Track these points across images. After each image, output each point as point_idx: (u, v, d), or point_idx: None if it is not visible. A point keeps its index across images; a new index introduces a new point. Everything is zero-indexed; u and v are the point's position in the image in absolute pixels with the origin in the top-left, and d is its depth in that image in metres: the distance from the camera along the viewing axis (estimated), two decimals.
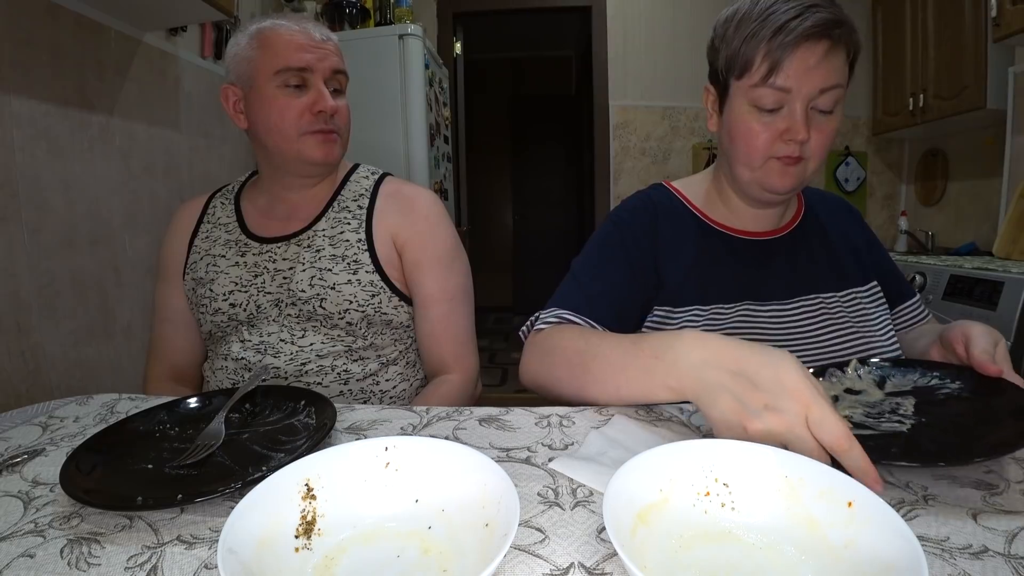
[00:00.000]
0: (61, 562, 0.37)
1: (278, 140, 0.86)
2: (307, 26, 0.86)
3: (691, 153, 3.20)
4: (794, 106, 0.69)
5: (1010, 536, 0.38)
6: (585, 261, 0.82)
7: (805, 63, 0.67)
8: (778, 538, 0.37)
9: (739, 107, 0.73)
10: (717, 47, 0.75)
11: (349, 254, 0.88)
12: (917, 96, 2.36)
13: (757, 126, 0.71)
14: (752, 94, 0.70)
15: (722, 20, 0.75)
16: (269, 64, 0.83)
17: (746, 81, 0.71)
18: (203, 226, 0.95)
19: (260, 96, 0.85)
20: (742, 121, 0.73)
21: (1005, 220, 2.02)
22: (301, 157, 0.87)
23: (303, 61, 0.84)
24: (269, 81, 0.84)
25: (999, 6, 1.87)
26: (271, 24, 0.85)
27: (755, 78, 0.69)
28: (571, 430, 0.58)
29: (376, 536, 0.39)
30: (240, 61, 0.86)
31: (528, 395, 0.76)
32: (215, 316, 0.87)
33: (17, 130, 1.20)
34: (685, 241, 0.80)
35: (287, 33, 0.84)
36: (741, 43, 0.70)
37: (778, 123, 0.70)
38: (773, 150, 0.72)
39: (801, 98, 0.68)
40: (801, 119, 0.69)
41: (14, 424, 0.62)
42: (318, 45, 0.86)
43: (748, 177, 0.75)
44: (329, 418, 0.56)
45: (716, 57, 0.76)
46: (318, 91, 0.85)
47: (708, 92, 0.81)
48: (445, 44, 3.19)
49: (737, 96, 0.73)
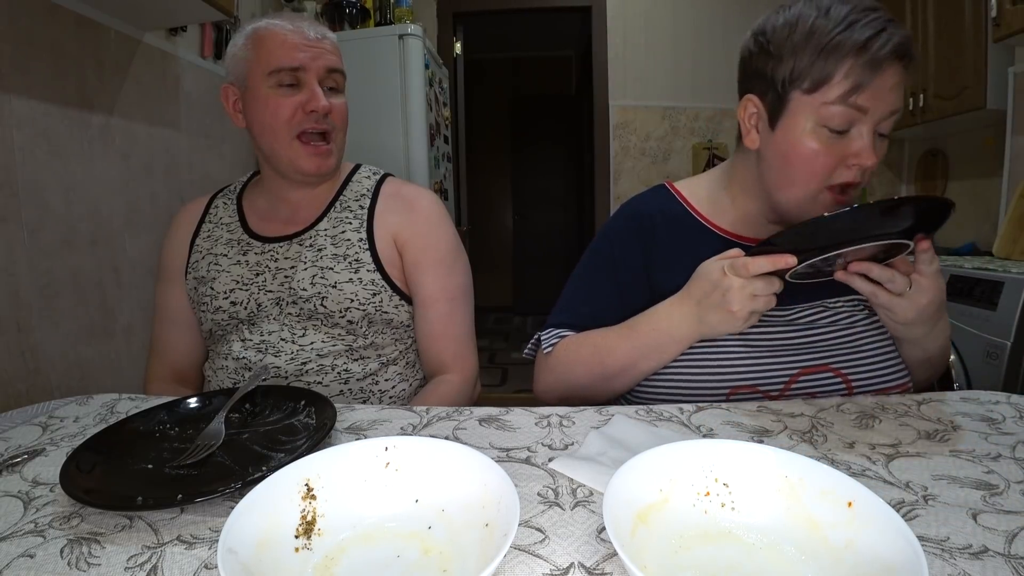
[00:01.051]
0: (61, 562, 0.37)
1: (271, 140, 0.86)
2: (302, 25, 0.86)
3: (691, 153, 3.20)
4: (864, 128, 0.64)
5: (1010, 536, 0.38)
6: (578, 279, 0.84)
7: (885, 84, 0.62)
8: (778, 538, 0.37)
9: (802, 124, 0.66)
10: (776, 54, 0.67)
11: (351, 253, 0.88)
12: (917, 96, 2.36)
13: (822, 147, 0.65)
14: (824, 112, 0.64)
15: (779, 25, 0.67)
16: (263, 64, 0.83)
17: (819, 97, 0.64)
18: (205, 226, 0.95)
19: (255, 96, 0.85)
20: (805, 141, 0.66)
21: (1005, 220, 2.02)
22: (293, 165, 0.87)
23: (296, 60, 0.83)
24: (263, 81, 0.84)
25: (999, 6, 1.87)
26: (266, 24, 0.85)
27: (831, 95, 0.63)
28: (571, 430, 0.58)
29: (376, 536, 0.39)
30: (237, 61, 0.86)
31: (528, 395, 0.78)
32: (216, 314, 0.87)
33: (17, 130, 1.20)
34: (685, 248, 0.77)
35: (281, 32, 0.84)
36: (817, 55, 0.63)
37: (844, 146, 0.65)
38: (833, 176, 0.66)
39: (874, 120, 0.64)
40: (870, 142, 0.64)
41: (14, 424, 0.62)
42: (312, 44, 0.85)
43: (794, 205, 0.69)
44: (329, 418, 0.56)
45: (774, 66, 0.67)
46: (311, 90, 0.85)
47: (750, 104, 0.72)
48: (445, 44, 3.19)
49: (802, 112, 0.66)
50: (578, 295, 0.83)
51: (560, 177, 5.28)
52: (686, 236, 0.79)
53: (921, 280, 0.63)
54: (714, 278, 0.65)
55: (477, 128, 4.78)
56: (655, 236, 0.80)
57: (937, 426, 0.57)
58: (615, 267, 0.80)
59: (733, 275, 0.63)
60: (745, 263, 0.62)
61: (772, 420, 0.59)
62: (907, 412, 0.60)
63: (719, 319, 0.65)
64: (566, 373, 0.77)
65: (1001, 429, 0.55)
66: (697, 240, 0.79)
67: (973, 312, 1.68)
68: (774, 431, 0.56)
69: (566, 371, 0.77)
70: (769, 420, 0.59)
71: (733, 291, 0.63)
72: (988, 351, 1.61)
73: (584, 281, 0.83)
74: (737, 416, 0.60)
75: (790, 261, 0.60)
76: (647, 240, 0.80)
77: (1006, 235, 1.99)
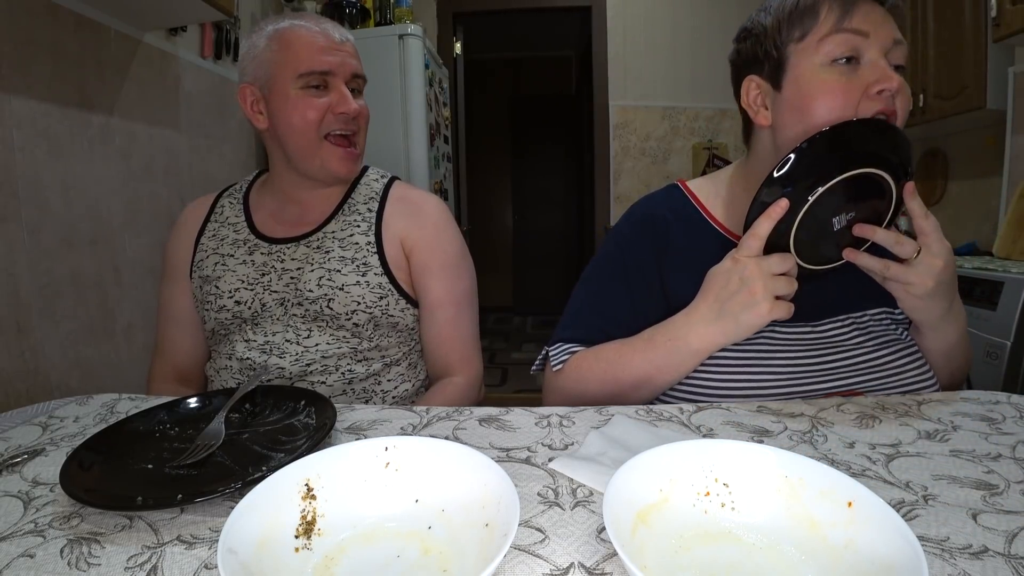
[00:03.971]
0: (61, 562, 0.37)
1: (300, 141, 0.86)
2: (327, 27, 0.86)
3: (691, 153, 3.21)
4: (873, 54, 0.62)
5: (1010, 536, 0.38)
6: (587, 288, 0.80)
7: (873, 14, 0.62)
8: (778, 538, 0.37)
9: (808, 68, 0.64)
10: (761, 33, 0.69)
11: (359, 256, 0.88)
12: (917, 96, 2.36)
13: (835, 80, 0.62)
14: (824, 47, 0.63)
15: (754, 15, 0.70)
16: (291, 66, 0.83)
17: (813, 37, 0.64)
18: (210, 225, 0.95)
19: (281, 97, 0.85)
20: (817, 80, 0.63)
21: (1005, 220, 2.02)
22: (324, 166, 0.87)
23: (326, 64, 0.84)
24: (291, 83, 0.84)
25: (999, 6, 1.87)
26: (290, 24, 0.85)
27: (824, 28, 0.63)
28: (571, 430, 0.58)
29: (376, 536, 0.39)
30: (259, 62, 0.86)
31: (528, 395, 0.77)
32: (220, 313, 0.87)
33: (17, 130, 1.20)
34: (701, 254, 0.72)
35: (307, 34, 0.84)
36: (797, 10, 0.64)
37: (860, 77, 0.62)
38: (859, 107, 0.62)
39: (879, 44, 0.61)
40: (886, 65, 0.61)
41: (14, 424, 0.62)
42: (338, 47, 0.86)
43: None
44: (329, 418, 0.56)
45: (762, 42, 0.68)
46: (340, 93, 0.85)
47: (751, 85, 0.71)
48: (445, 44, 3.19)
49: (802, 60, 0.65)
50: (587, 305, 0.78)
51: (560, 177, 5.28)
52: (698, 238, 0.76)
53: (928, 241, 0.61)
54: (726, 267, 0.63)
55: (477, 128, 4.77)
56: (668, 237, 0.76)
57: (937, 426, 0.57)
58: (627, 272, 0.76)
59: (744, 256, 0.62)
60: (751, 233, 0.61)
61: (772, 420, 0.59)
62: (907, 412, 0.60)
63: (741, 305, 0.61)
64: (578, 391, 0.73)
65: (1001, 429, 0.55)
66: (709, 244, 0.75)
67: (973, 312, 1.68)
68: (774, 431, 0.56)
69: (578, 389, 0.73)
70: (769, 420, 0.59)
71: (749, 271, 0.61)
72: (988, 351, 1.61)
73: (594, 289, 0.79)
74: (737, 416, 0.60)
75: (783, 204, 0.60)
76: (660, 242, 0.76)
77: (1006, 235, 1.99)
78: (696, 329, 0.65)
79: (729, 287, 0.62)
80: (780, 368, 0.68)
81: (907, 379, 0.69)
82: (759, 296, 0.60)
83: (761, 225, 0.61)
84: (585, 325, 0.77)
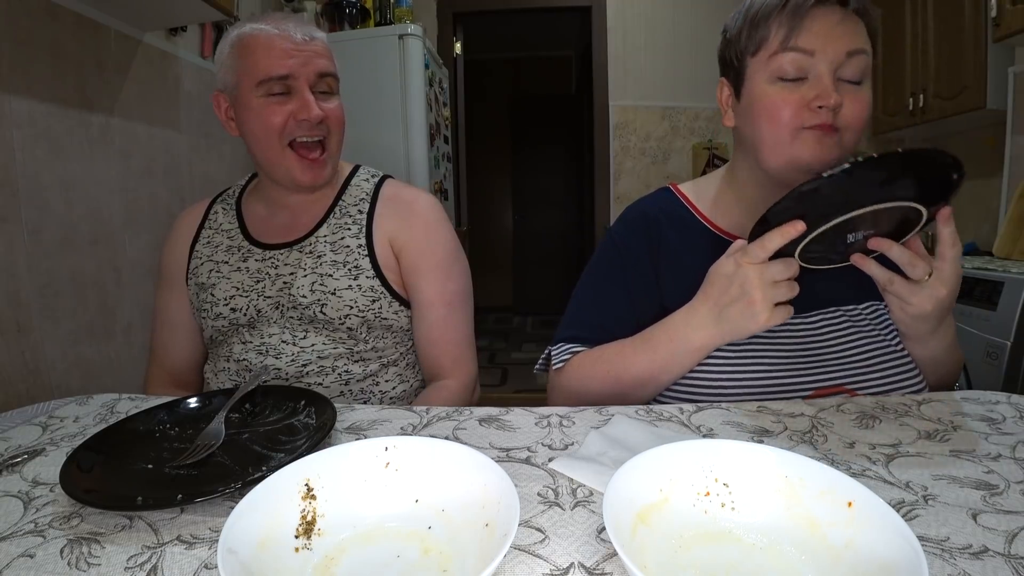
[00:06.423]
0: (61, 562, 0.37)
1: (264, 150, 0.84)
2: (288, 27, 0.82)
3: (691, 153, 3.20)
4: (819, 70, 0.63)
5: (1010, 536, 0.38)
6: (585, 288, 0.81)
7: (825, 23, 0.63)
8: (778, 538, 0.37)
9: (759, 84, 0.68)
10: (729, 37, 0.72)
11: (350, 260, 0.87)
12: (917, 96, 2.36)
13: (780, 97, 0.65)
14: (772, 65, 0.66)
15: (732, 16, 0.72)
16: (251, 74, 0.81)
17: (764, 53, 0.67)
18: (204, 232, 0.95)
19: (245, 106, 0.83)
20: (763, 96, 0.67)
21: (1005, 220, 2.02)
22: (288, 175, 0.85)
23: (285, 68, 0.80)
24: (252, 91, 0.81)
25: (999, 6, 1.87)
26: (250, 29, 0.82)
27: (773, 46, 0.65)
28: (571, 430, 0.58)
29: (376, 536, 0.39)
30: (226, 69, 0.84)
31: (528, 395, 0.77)
32: (216, 320, 0.87)
33: (17, 130, 1.20)
34: (692, 253, 0.75)
35: (265, 38, 0.81)
36: (752, 23, 0.67)
37: (804, 92, 0.64)
38: (802, 120, 0.64)
39: (826, 61, 0.63)
40: (829, 83, 0.63)
41: (14, 424, 0.62)
42: (300, 48, 0.82)
43: (779, 161, 0.67)
44: (329, 418, 0.56)
45: (727, 47, 0.72)
46: (302, 99, 0.82)
47: (722, 87, 0.76)
48: (445, 44, 3.19)
49: (755, 74, 0.68)
50: (586, 305, 0.80)
51: (560, 177, 5.28)
52: (689, 237, 0.78)
53: (944, 267, 0.60)
54: (728, 271, 0.62)
55: (477, 128, 4.77)
56: (660, 236, 0.78)
57: (937, 426, 0.57)
58: (624, 271, 0.78)
59: (747, 262, 0.60)
60: (759, 243, 0.59)
61: (772, 420, 0.59)
62: (907, 412, 0.60)
63: (740, 313, 0.61)
64: (580, 390, 0.74)
65: (1001, 429, 0.55)
66: (700, 242, 0.77)
67: (973, 312, 1.68)
68: (774, 431, 0.56)
69: (580, 388, 0.74)
70: (769, 420, 0.59)
71: (751, 279, 0.60)
72: (988, 351, 1.61)
73: (592, 290, 0.81)
74: (737, 416, 0.60)
75: (799, 227, 0.57)
76: (653, 240, 0.78)
77: (1006, 235, 1.99)
78: (693, 328, 0.66)
79: (729, 293, 0.62)
80: (771, 362, 0.69)
81: (897, 377, 0.70)
82: (758, 307, 0.60)
83: (772, 240, 0.59)
84: (586, 324, 0.78)
